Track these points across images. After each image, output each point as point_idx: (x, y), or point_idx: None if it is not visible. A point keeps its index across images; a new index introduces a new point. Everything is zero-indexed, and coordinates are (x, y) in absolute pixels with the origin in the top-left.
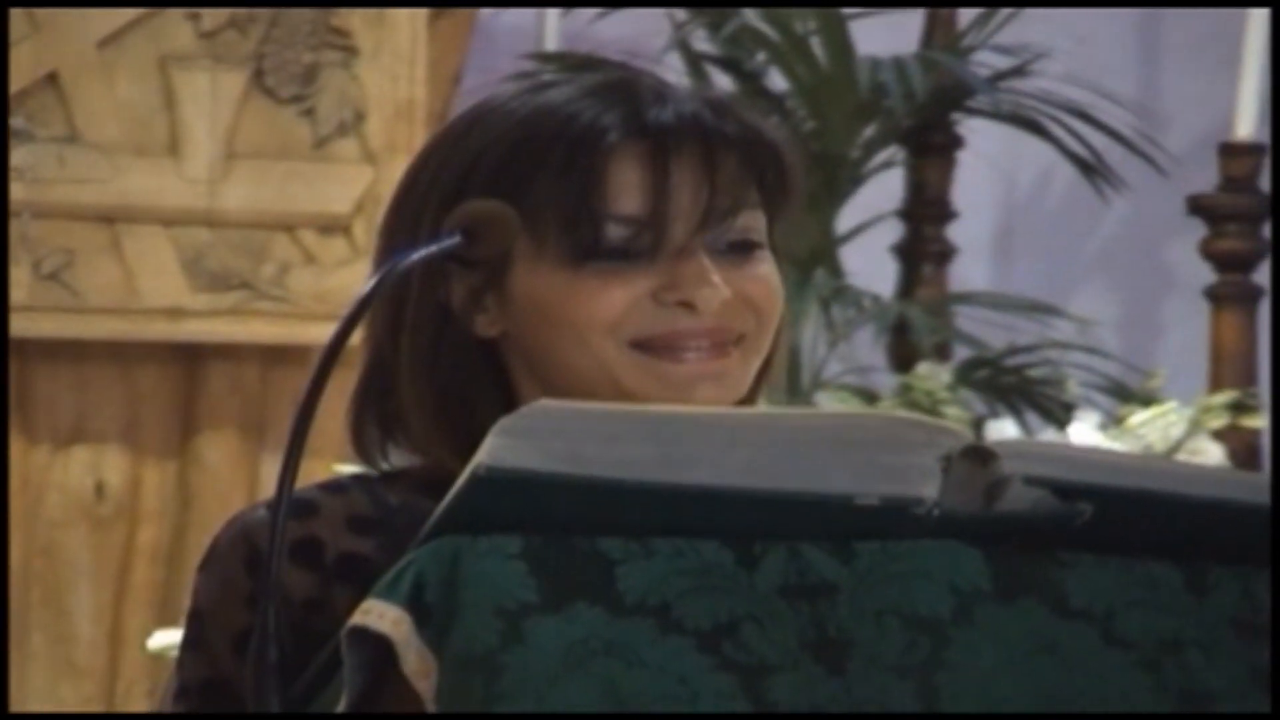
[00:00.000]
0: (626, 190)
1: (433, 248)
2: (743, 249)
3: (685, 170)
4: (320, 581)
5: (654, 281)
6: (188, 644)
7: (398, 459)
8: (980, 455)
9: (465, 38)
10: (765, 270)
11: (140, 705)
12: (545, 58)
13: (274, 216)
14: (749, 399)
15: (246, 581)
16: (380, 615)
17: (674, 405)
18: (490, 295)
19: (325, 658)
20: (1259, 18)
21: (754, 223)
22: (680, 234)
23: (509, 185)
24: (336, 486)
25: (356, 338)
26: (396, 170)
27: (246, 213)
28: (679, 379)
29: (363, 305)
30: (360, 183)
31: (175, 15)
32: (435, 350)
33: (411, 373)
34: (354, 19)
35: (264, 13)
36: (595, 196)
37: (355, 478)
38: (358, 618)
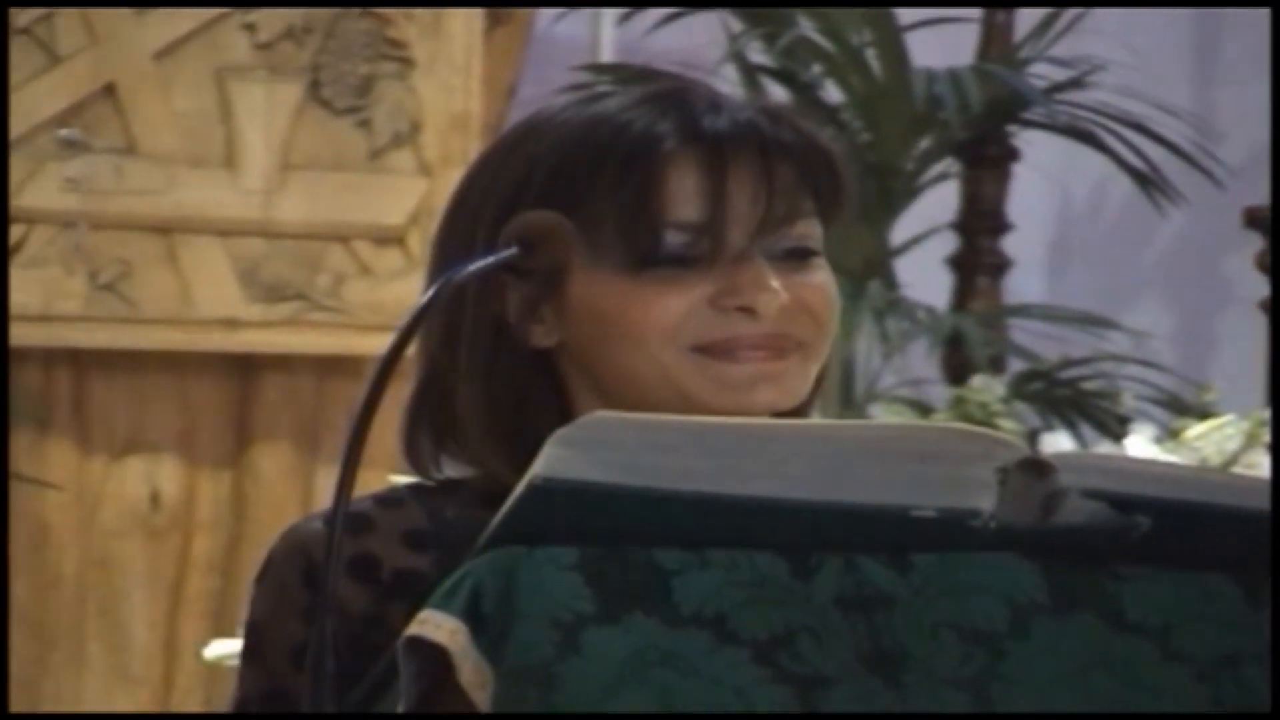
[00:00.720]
0: (684, 197)
1: (490, 259)
2: (799, 255)
3: (742, 176)
4: (377, 597)
5: (712, 287)
6: (246, 656)
7: (451, 470)
8: (1037, 468)
9: (520, 50)
10: (822, 277)
11: None
12: (600, 69)
13: (329, 227)
14: (804, 408)
15: (303, 594)
16: (437, 626)
17: (730, 416)
18: (547, 305)
19: (382, 668)
20: None
21: (810, 230)
22: (738, 240)
23: (564, 194)
24: (391, 499)
25: (411, 349)
26: (451, 182)
27: (302, 224)
28: (737, 380)
29: (419, 317)
30: (415, 194)
31: (231, 26)
32: (491, 362)
33: (467, 384)
34: (410, 30)
35: (320, 24)
36: (653, 204)
37: (410, 489)
38: (414, 628)
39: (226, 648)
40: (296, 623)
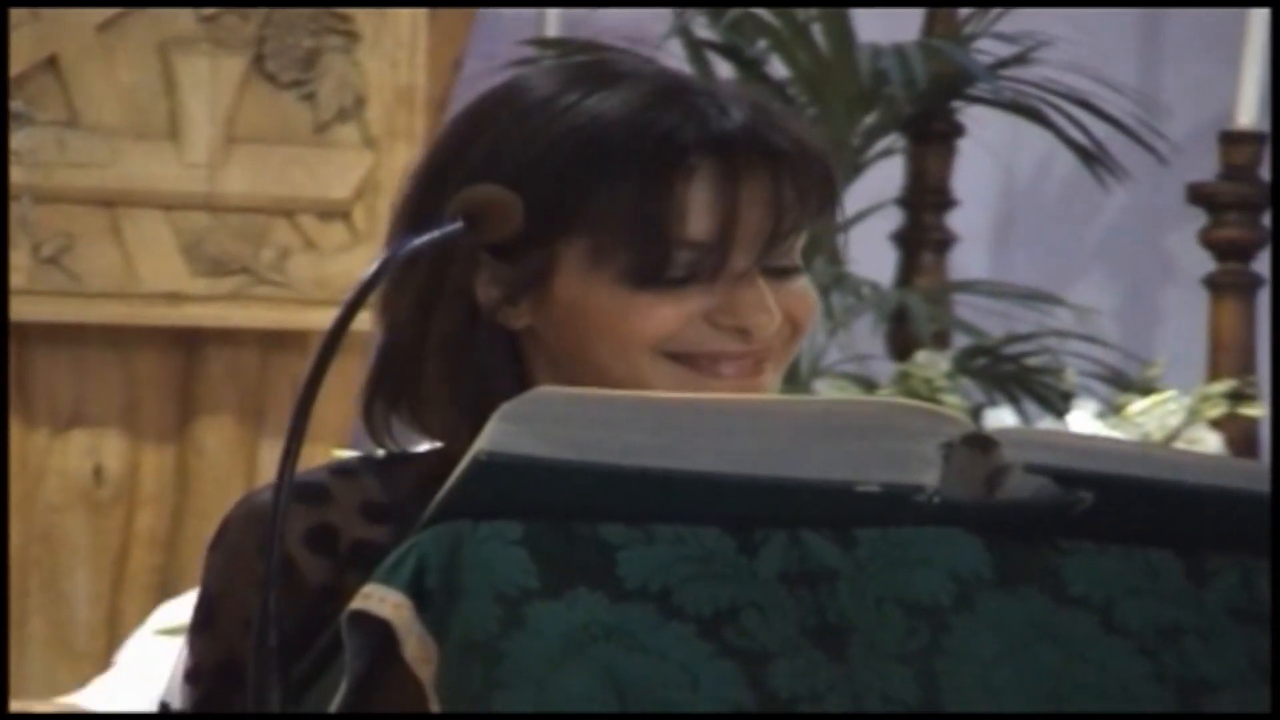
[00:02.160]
0: (698, 214)
1: (435, 233)
2: (790, 269)
3: (754, 195)
4: (335, 568)
5: (709, 303)
6: (199, 626)
7: (406, 442)
8: (981, 443)
9: (466, 24)
10: (805, 285)
11: None
12: (546, 44)
13: (274, 202)
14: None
15: (258, 564)
16: (381, 600)
17: (676, 393)
18: (529, 292)
19: (326, 642)
20: (1261, 5)
21: (797, 243)
22: (743, 259)
23: (567, 194)
24: (346, 470)
25: (357, 323)
26: (397, 156)
27: (246, 198)
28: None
29: (365, 290)
30: (360, 168)
31: None
32: (459, 336)
33: (436, 358)
34: (355, 4)
35: None
36: (664, 221)
37: (363, 461)
38: (358, 602)
39: (174, 615)
40: (251, 592)
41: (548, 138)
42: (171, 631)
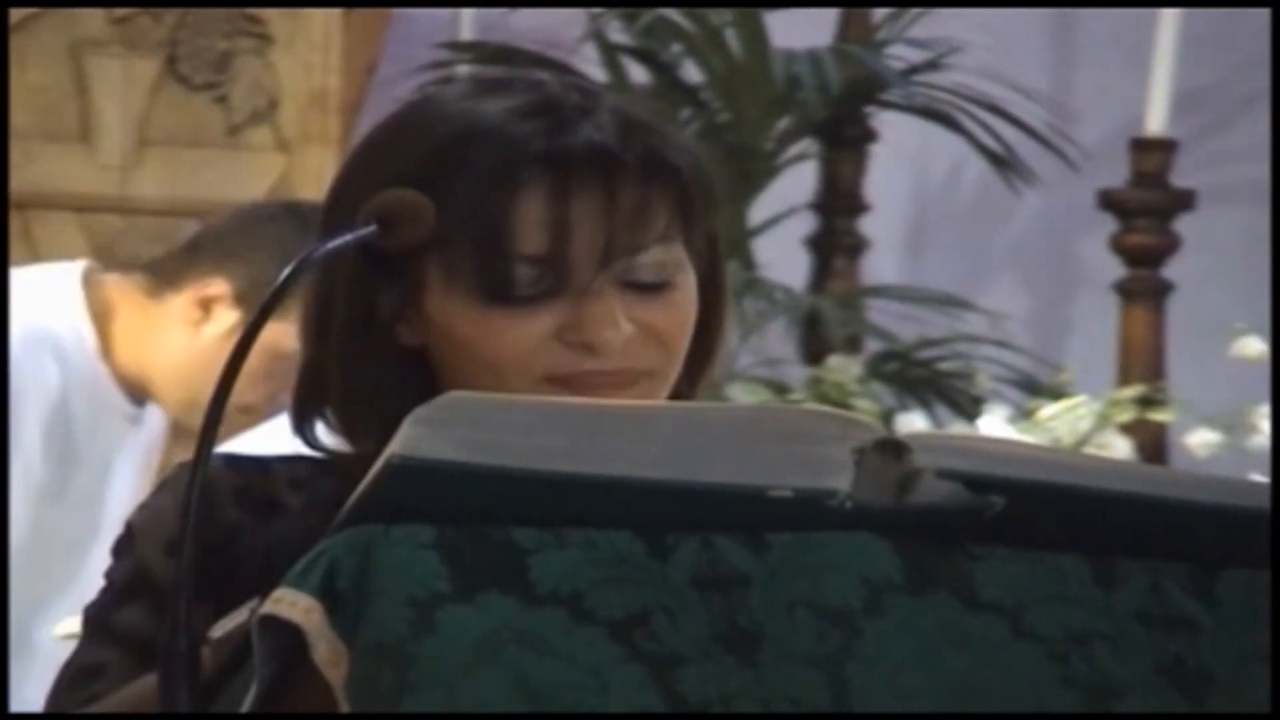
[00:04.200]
0: (530, 230)
1: (347, 237)
2: (652, 285)
3: (586, 208)
4: (253, 520)
5: (559, 320)
6: (117, 552)
7: (332, 443)
8: (893, 448)
9: (380, 27)
10: (677, 299)
11: None
12: (460, 47)
13: (186, 204)
14: (684, 399)
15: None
16: (292, 604)
17: (590, 399)
18: (411, 310)
19: (236, 644)
20: (1170, 14)
21: (667, 255)
22: (584, 272)
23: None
24: (287, 457)
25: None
26: (310, 159)
27: (159, 200)
28: None
29: (277, 294)
30: (273, 171)
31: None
32: (363, 352)
33: (335, 370)
34: (269, 7)
35: None
36: (501, 238)
37: (304, 456)
38: (269, 606)
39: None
40: (175, 522)
41: (417, 144)
42: None
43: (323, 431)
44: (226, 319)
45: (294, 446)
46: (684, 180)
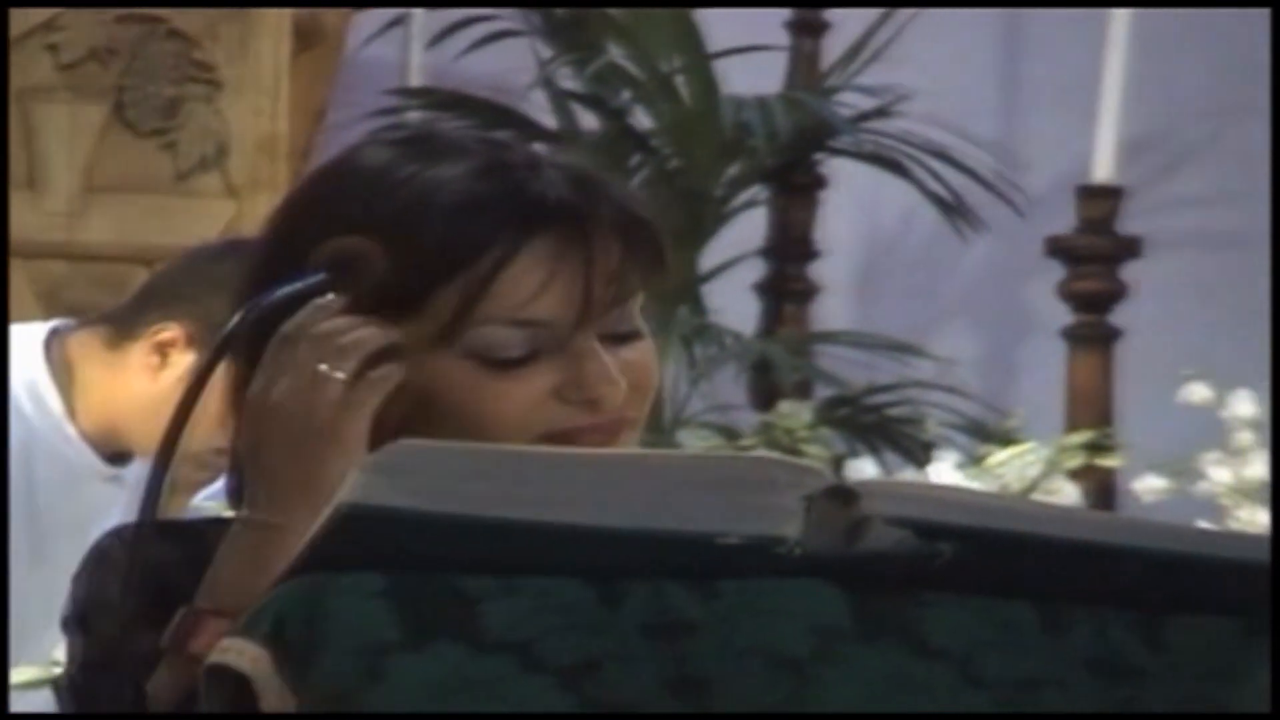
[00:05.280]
0: (523, 291)
1: (298, 284)
2: (627, 335)
3: (579, 266)
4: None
5: (555, 378)
6: (71, 629)
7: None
8: (842, 495)
9: (330, 73)
10: (645, 350)
11: None
12: (410, 93)
13: (134, 250)
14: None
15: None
16: (239, 653)
17: (539, 447)
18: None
19: (184, 693)
20: (1116, 63)
21: (635, 306)
22: (573, 331)
23: (405, 277)
24: (219, 520)
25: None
26: (259, 205)
27: (106, 246)
28: None
29: (226, 342)
30: (222, 217)
31: (34, 47)
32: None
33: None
34: (217, 53)
35: (125, 46)
36: (492, 302)
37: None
38: (216, 655)
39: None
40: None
41: (379, 213)
42: None
43: None
44: (182, 362)
45: None
46: (653, 232)
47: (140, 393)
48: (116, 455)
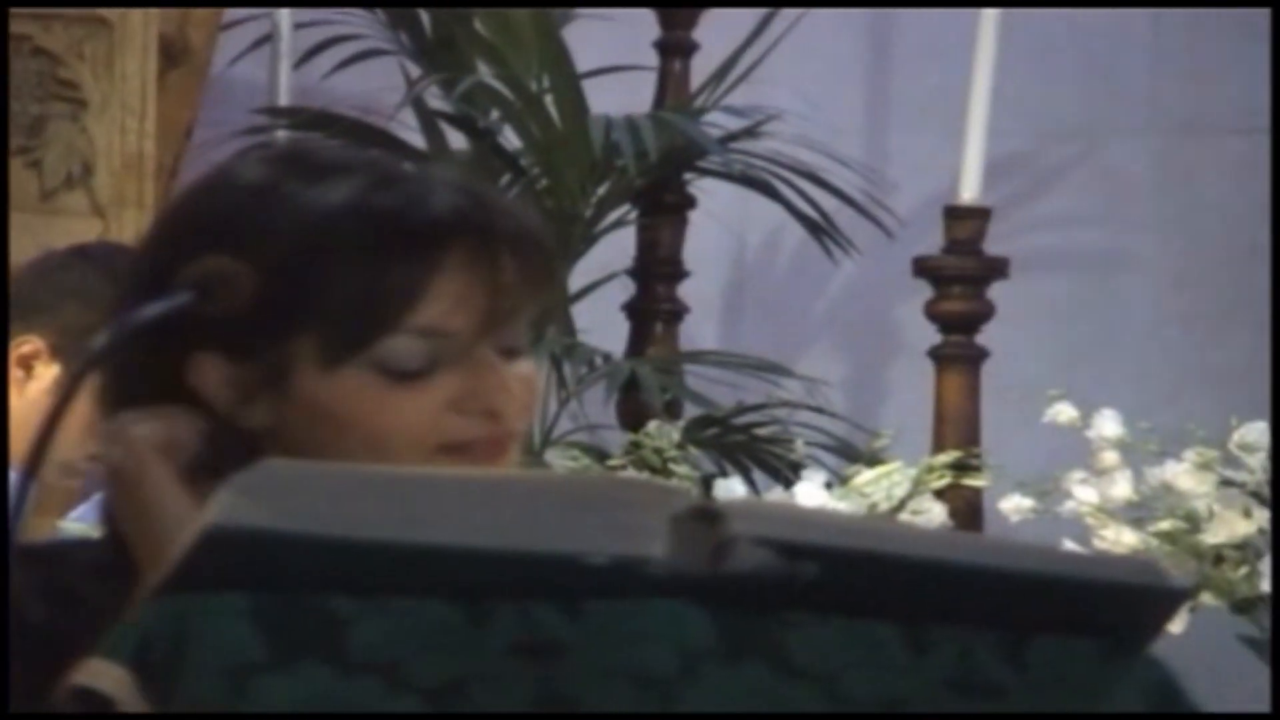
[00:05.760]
0: (422, 302)
1: (165, 304)
2: (515, 350)
3: (478, 277)
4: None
5: (452, 390)
6: None
7: None
8: (708, 515)
9: (196, 91)
10: (529, 364)
11: None
12: (278, 112)
13: None
14: None
15: None
16: (103, 674)
17: (405, 468)
18: (265, 391)
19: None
20: (983, 82)
21: (524, 322)
22: (471, 341)
23: (298, 287)
24: (80, 541)
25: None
26: (125, 223)
27: None
28: None
29: (91, 362)
30: (88, 235)
31: None
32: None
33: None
34: (82, 71)
35: None
36: (394, 310)
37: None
38: (80, 676)
39: None
40: None
41: (269, 230)
42: None
43: None
44: (47, 374)
45: None
46: (546, 246)
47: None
48: None
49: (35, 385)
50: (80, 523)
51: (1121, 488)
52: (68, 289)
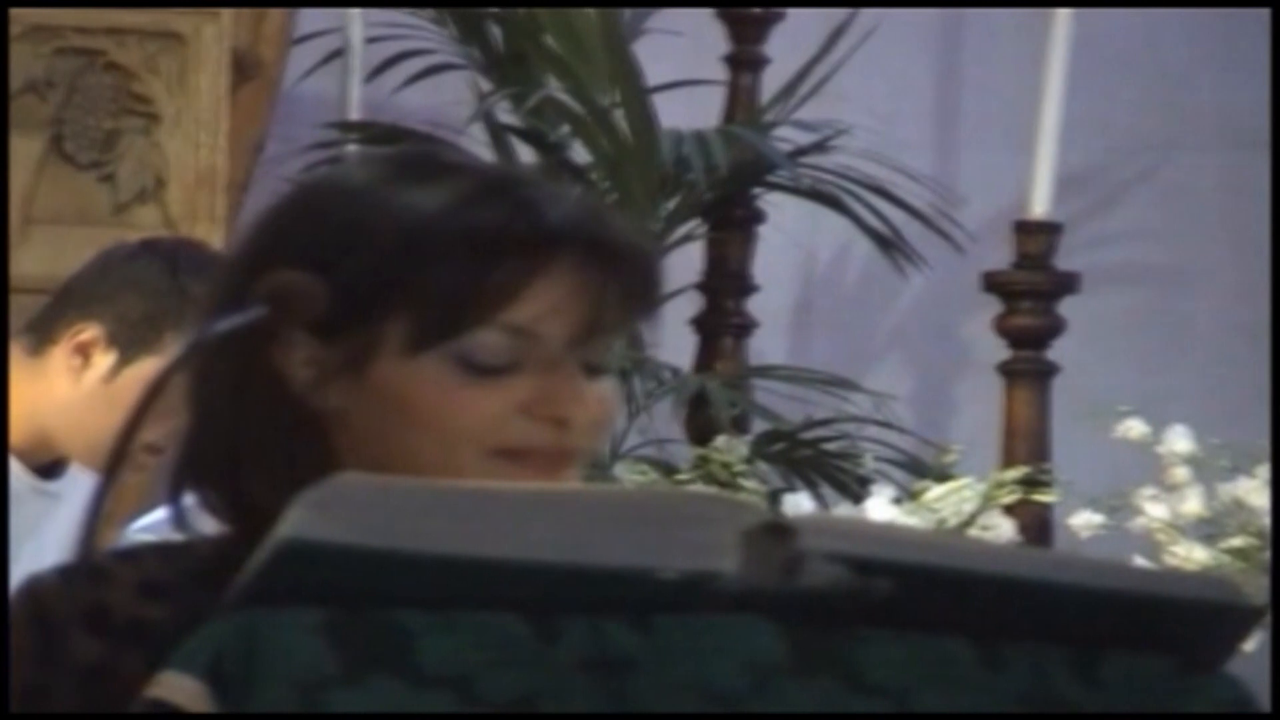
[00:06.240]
0: (516, 301)
1: (238, 319)
2: (597, 369)
3: (578, 287)
4: (109, 647)
5: (525, 393)
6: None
7: (207, 527)
8: (778, 531)
9: (268, 106)
10: (609, 385)
11: None
12: (348, 127)
13: None
14: None
15: (30, 641)
16: (177, 687)
17: (477, 482)
18: (344, 374)
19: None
20: (1053, 99)
21: (614, 342)
22: (559, 348)
23: (394, 275)
24: (129, 554)
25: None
26: (197, 237)
27: (44, 278)
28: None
29: (167, 374)
30: None
31: None
32: (271, 420)
33: (246, 442)
34: (155, 85)
35: (63, 78)
36: (485, 306)
37: (150, 545)
38: (153, 689)
39: None
40: (29, 669)
41: (370, 223)
42: None
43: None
44: (104, 361)
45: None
46: (656, 270)
47: (65, 396)
48: (47, 467)
49: (92, 374)
50: (146, 534)
51: (1192, 504)
52: (128, 279)
